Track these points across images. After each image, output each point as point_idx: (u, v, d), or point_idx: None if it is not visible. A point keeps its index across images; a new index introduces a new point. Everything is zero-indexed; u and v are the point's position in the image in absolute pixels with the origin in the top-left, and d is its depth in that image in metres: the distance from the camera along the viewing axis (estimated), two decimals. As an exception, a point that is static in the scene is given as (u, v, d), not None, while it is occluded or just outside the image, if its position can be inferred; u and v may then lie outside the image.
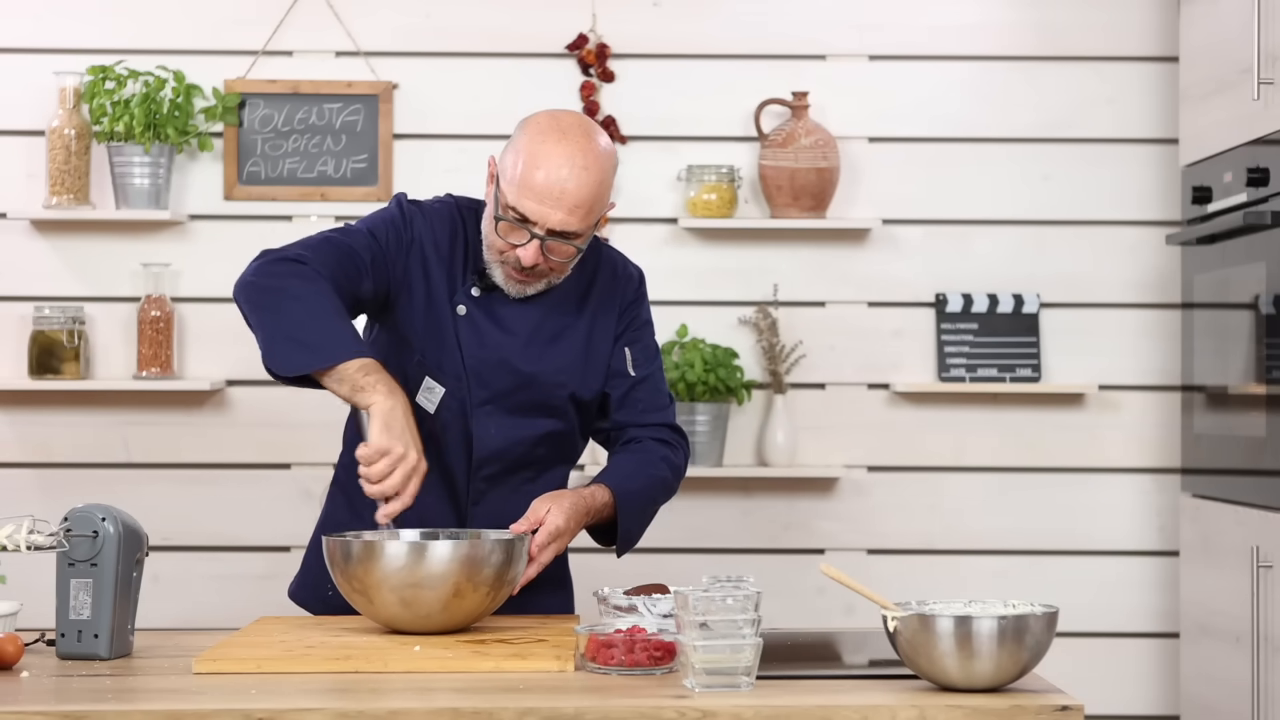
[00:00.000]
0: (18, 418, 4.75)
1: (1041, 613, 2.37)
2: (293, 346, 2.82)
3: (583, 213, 2.92)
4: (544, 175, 2.89)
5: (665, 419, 3.18)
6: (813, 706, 2.30)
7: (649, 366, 3.17)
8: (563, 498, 2.95)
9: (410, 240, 3.03)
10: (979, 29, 4.82)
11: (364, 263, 2.97)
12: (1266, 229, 3.99)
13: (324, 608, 3.05)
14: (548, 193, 2.89)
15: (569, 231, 2.93)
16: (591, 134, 2.95)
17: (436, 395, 3.03)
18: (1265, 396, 4.01)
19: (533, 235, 2.92)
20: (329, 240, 2.97)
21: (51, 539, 2.61)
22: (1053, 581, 4.75)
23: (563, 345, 3.08)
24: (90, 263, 4.75)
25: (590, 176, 2.91)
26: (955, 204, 4.82)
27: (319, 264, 2.89)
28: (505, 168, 2.94)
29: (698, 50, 4.81)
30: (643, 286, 3.19)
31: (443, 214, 3.08)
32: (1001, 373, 4.78)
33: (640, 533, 3.12)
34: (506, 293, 3.02)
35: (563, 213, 2.90)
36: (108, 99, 4.64)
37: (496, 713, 2.28)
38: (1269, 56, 3.96)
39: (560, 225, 2.91)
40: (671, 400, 3.22)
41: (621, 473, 3.09)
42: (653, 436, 3.15)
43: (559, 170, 2.89)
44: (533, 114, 3.00)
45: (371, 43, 4.79)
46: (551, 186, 2.89)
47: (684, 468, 3.20)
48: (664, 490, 3.15)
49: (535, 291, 3.03)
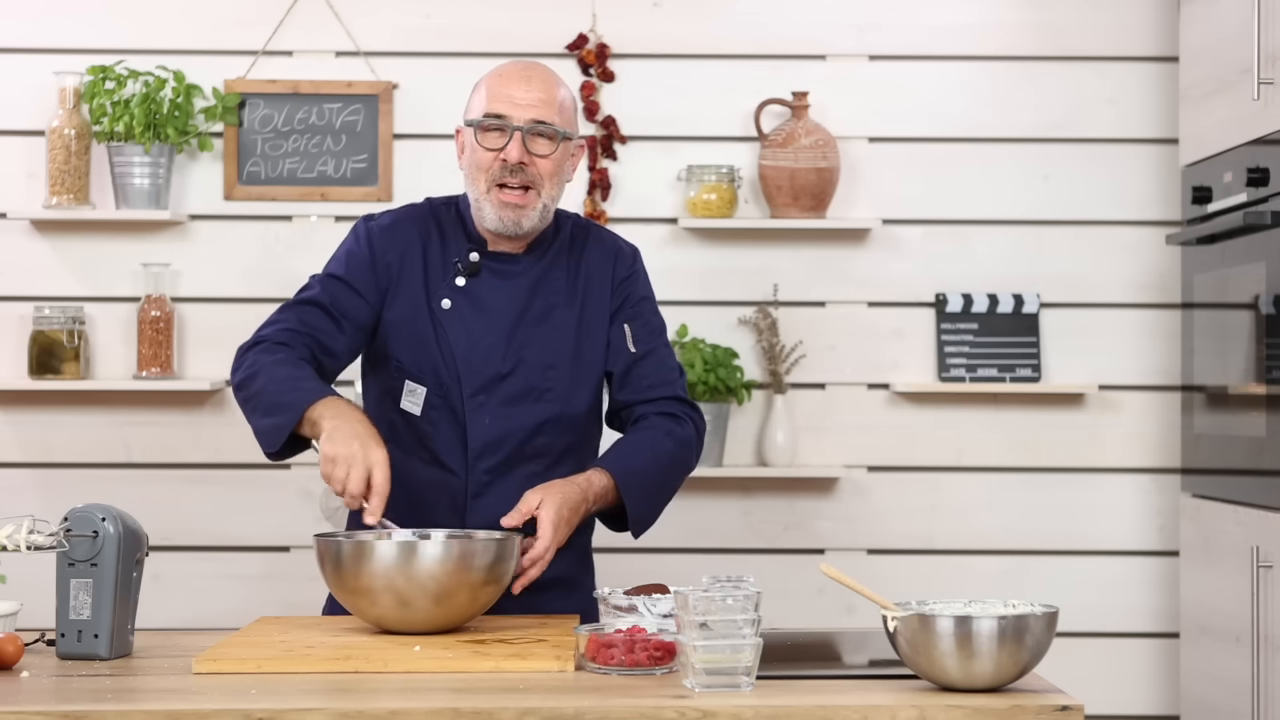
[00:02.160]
0: (18, 418, 4.75)
1: (1041, 613, 2.37)
2: (267, 423, 2.94)
3: (554, 105, 3.07)
4: (506, 77, 3.08)
5: (671, 392, 3.15)
6: (813, 706, 2.30)
7: (652, 341, 3.16)
8: (553, 488, 2.94)
9: (372, 260, 3.10)
10: (979, 29, 4.82)
11: (329, 309, 3.07)
12: (1266, 229, 3.99)
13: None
14: (514, 89, 3.07)
15: (543, 121, 3.03)
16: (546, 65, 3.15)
17: (419, 396, 3.06)
18: (1265, 396, 4.01)
19: (512, 129, 3.03)
20: (289, 306, 3.11)
21: (51, 539, 2.62)
22: (1053, 581, 4.75)
23: (552, 325, 3.08)
24: (90, 263, 4.75)
25: (549, 76, 3.10)
26: (955, 204, 4.82)
27: (280, 334, 3.04)
28: (472, 106, 3.10)
29: (698, 50, 4.81)
30: (637, 262, 3.20)
31: (409, 217, 3.15)
32: (1001, 373, 4.78)
33: (654, 512, 3.08)
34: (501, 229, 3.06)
35: (532, 100, 3.05)
36: (108, 99, 4.64)
37: (496, 713, 2.28)
38: (1269, 56, 3.96)
39: (535, 114, 3.04)
40: (681, 373, 3.20)
41: (621, 453, 3.07)
42: (658, 411, 3.13)
43: (520, 71, 3.11)
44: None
45: (371, 43, 4.79)
46: (516, 82, 3.07)
47: (695, 439, 3.16)
48: (671, 464, 3.10)
49: (530, 224, 3.06)
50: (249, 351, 3.03)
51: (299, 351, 3.01)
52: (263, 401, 2.95)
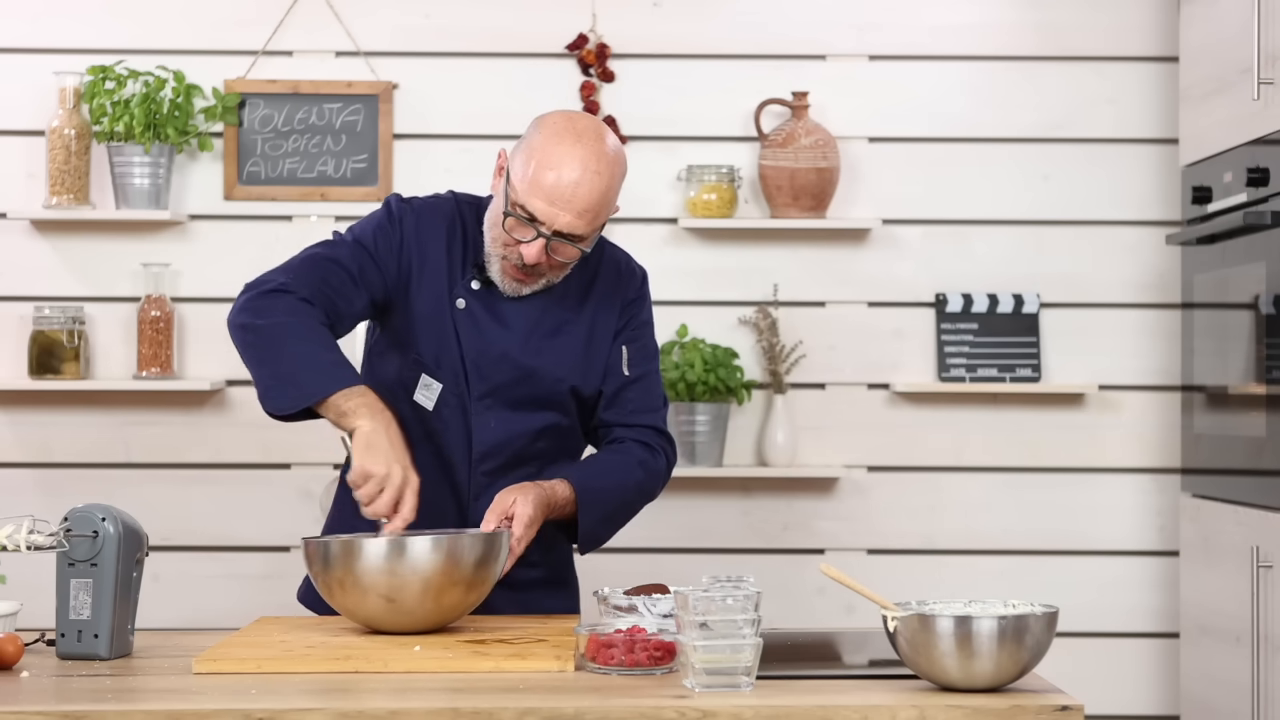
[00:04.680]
0: (18, 418, 4.75)
1: (1041, 613, 2.37)
2: (283, 386, 2.87)
3: (591, 216, 2.92)
4: (555, 177, 2.89)
5: (653, 422, 3.15)
6: (813, 706, 2.30)
7: (644, 367, 3.15)
8: (527, 488, 2.94)
9: (401, 240, 3.03)
10: (979, 29, 4.82)
11: (353, 274, 2.99)
12: (1266, 229, 3.99)
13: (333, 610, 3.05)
14: (558, 194, 2.89)
15: (575, 234, 2.93)
16: (605, 138, 2.95)
17: (434, 392, 3.04)
18: (1265, 396, 4.01)
19: (539, 234, 2.92)
20: (313, 259, 2.99)
21: (51, 539, 2.61)
22: (1053, 581, 4.75)
23: (563, 339, 3.07)
24: (90, 263, 4.75)
25: (601, 181, 2.91)
26: (955, 204, 4.82)
27: (304, 289, 2.92)
28: (516, 165, 2.94)
29: (698, 50, 4.81)
30: (645, 286, 3.19)
31: (439, 209, 3.08)
32: (1001, 373, 4.78)
33: (607, 534, 3.08)
34: (502, 290, 3.03)
35: (571, 215, 2.91)
36: (108, 99, 4.64)
37: (496, 713, 2.28)
38: (1269, 56, 3.96)
39: (567, 228, 2.92)
40: (665, 404, 3.19)
41: (589, 470, 3.07)
42: (635, 438, 3.12)
43: (571, 173, 2.90)
44: (548, 113, 3.00)
45: (371, 43, 4.79)
46: (563, 189, 2.89)
47: (664, 473, 3.15)
48: (638, 493, 3.10)
49: (530, 291, 3.03)
50: (267, 296, 2.92)
51: (320, 315, 2.92)
52: (280, 361, 2.87)
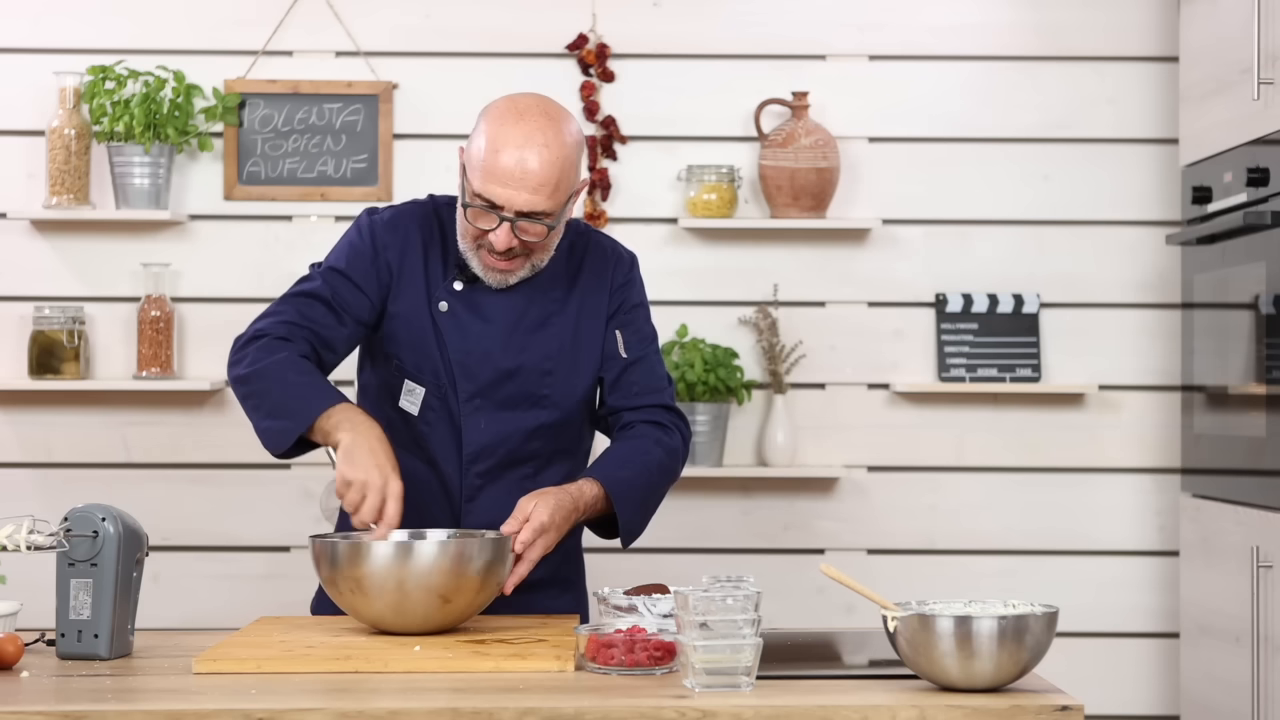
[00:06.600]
0: (18, 418, 4.75)
1: (1041, 613, 2.37)
2: (273, 425, 2.92)
3: (548, 191, 2.93)
4: (505, 158, 2.91)
5: (659, 400, 3.14)
6: (813, 706, 2.30)
7: (643, 349, 3.14)
8: (548, 494, 2.93)
9: (374, 255, 3.06)
10: (979, 29, 4.82)
11: (330, 302, 3.03)
12: (1266, 229, 3.99)
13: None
14: (510, 175, 2.91)
15: (537, 211, 2.93)
16: (550, 113, 2.96)
17: (418, 396, 3.05)
18: (1265, 396, 4.01)
19: (501, 219, 2.93)
20: (288, 298, 3.06)
21: (51, 539, 2.62)
22: (1053, 581, 4.75)
23: (549, 332, 3.07)
24: (90, 263, 4.75)
25: (551, 154, 2.92)
26: (955, 204, 4.82)
27: (280, 329, 2.99)
28: (471, 157, 2.97)
29: (698, 50, 4.81)
30: (634, 270, 3.18)
31: (412, 215, 3.11)
32: (1001, 373, 4.78)
33: (644, 521, 3.07)
34: (488, 282, 3.03)
35: (527, 193, 2.91)
36: (108, 99, 4.64)
37: (496, 713, 2.28)
38: (1269, 56, 3.96)
39: (527, 206, 2.92)
40: (670, 382, 3.18)
41: (611, 463, 3.05)
42: (645, 419, 3.12)
43: (518, 152, 2.91)
44: (494, 100, 3.02)
45: (371, 43, 4.79)
46: (513, 168, 2.91)
47: (682, 448, 3.15)
48: (661, 473, 3.09)
49: (517, 279, 3.03)
50: (248, 345, 2.98)
51: (299, 347, 2.97)
52: (267, 402, 2.93)
